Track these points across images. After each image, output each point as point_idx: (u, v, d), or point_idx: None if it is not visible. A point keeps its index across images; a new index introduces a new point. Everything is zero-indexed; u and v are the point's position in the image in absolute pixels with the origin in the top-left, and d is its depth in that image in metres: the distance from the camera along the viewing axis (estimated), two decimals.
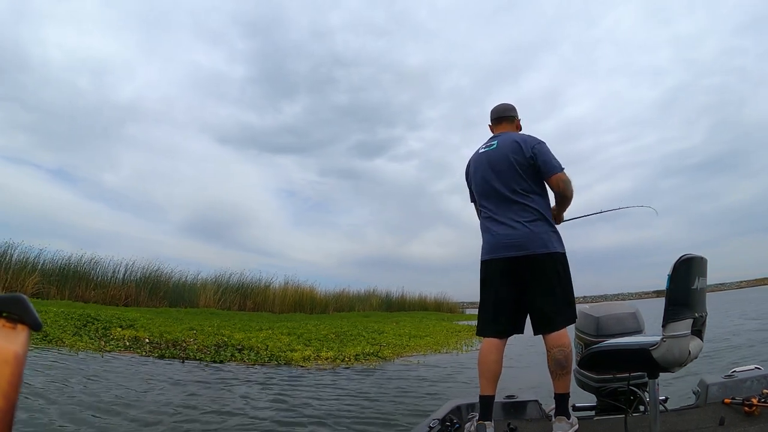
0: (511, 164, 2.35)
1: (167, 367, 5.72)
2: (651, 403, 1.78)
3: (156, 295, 13.76)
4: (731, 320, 10.95)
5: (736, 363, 3.39)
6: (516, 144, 2.38)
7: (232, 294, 15.36)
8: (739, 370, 2.47)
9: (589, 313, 2.53)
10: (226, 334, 7.82)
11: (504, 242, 2.29)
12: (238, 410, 3.97)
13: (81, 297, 12.37)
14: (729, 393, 2.29)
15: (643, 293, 37.22)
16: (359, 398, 4.53)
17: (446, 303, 22.48)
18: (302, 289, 16.87)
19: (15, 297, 0.40)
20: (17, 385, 0.36)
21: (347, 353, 7.05)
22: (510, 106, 2.61)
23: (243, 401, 4.27)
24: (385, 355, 7.34)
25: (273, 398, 4.43)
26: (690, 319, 1.67)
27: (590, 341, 2.40)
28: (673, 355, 1.64)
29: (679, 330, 1.64)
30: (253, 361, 6.33)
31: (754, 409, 2.10)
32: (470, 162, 2.59)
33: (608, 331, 2.41)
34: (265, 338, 7.72)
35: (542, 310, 2.25)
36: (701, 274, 1.74)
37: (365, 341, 8.33)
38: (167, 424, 3.45)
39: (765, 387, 2.28)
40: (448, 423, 2.26)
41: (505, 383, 2.33)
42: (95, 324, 7.48)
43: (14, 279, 11.58)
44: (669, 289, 1.67)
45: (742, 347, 6.63)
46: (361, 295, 19.68)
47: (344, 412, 3.98)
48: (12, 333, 0.39)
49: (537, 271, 2.25)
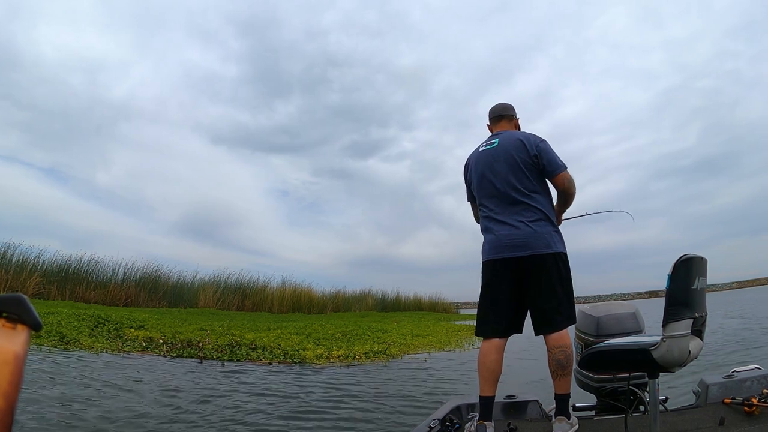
0: (515, 162, 2.31)
1: (199, 367, 5.83)
2: (651, 403, 1.78)
3: (155, 295, 13.87)
4: (713, 319, 11.44)
5: (712, 363, 3.57)
6: (519, 142, 2.35)
7: (231, 294, 15.49)
8: (739, 370, 2.48)
9: (589, 313, 2.53)
10: (237, 334, 7.96)
11: (506, 242, 2.26)
12: (293, 395, 4.31)
13: (82, 297, 12.41)
14: (729, 393, 2.29)
15: (636, 294, 37.90)
16: (381, 393, 4.70)
17: (441, 303, 22.62)
18: (300, 290, 17.08)
19: (15, 297, 0.41)
20: (17, 385, 0.36)
21: (357, 351, 7.17)
22: (509, 105, 2.60)
23: (293, 395, 4.49)
24: (393, 353, 7.42)
25: (307, 392, 4.63)
26: (690, 319, 1.67)
27: (590, 341, 2.40)
28: (673, 355, 1.64)
29: (679, 330, 1.64)
30: (269, 359, 6.44)
31: (754, 409, 2.09)
32: (470, 160, 2.54)
33: (608, 331, 2.41)
34: (275, 338, 7.87)
35: (543, 310, 2.24)
36: (701, 274, 1.74)
37: (371, 340, 8.47)
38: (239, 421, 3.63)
39: (765, 387, 2.29)
40: (448, 423, 2.26)
41: (505, 383, 2.33)
42: (107, 325, 7.58)
43: (15, 279, 11.66)
44: (669, 288, 1.66)
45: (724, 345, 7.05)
46: (357, 296, 19.89)
47: (369, 405, 4.17)
48: (12, 333, 0.39)
49: (539, 271, 2.23)
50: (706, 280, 1.78)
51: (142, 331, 7.56)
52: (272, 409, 3.93)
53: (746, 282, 42.35)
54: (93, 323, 7.54)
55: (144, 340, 6.92)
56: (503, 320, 2.29)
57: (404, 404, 4.22)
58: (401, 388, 5.00)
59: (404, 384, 5.25)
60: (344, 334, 8.95)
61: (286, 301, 16.33)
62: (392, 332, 9.85)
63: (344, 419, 3.72)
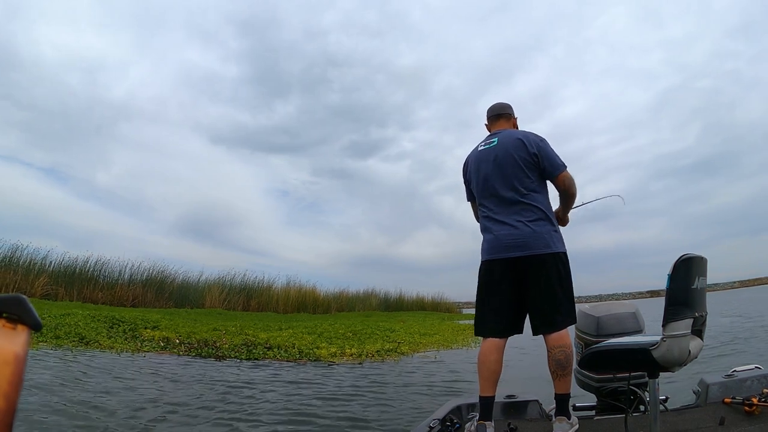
0: (515, 162, 2.29)
1: (220, 366, 5.97)
2: (651, 403, 1.77)
3: (162, 295, 13.97)
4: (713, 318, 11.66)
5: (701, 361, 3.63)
6: (519, 141, 2.33)
7: (237, 294, 15.59)
8: (740, 370, 2.47)
9: (589, 313, 2.52)
10: (250, 333, 8.12)
11: (506, 242, 2.25)
12: (321, 390, 4.54)
13: (89, 298, 12.53)
14: (729, 392, 2.28)
15: (638, 293, 37.97)
16: (401, 388, 4.88)
17: (443, 303, 22.61)
18: (305, 290, 17.17)
19: (15, 297, 0.40)
20: (18, 386, 0.36)
21: (368, 350, 7.35)
22: (506, 104, 2.59)
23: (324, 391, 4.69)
24: (404, 351, 7.67)
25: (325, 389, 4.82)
26: (690, 319, 1.67)
27: (590, 341, 2.39)
28: (673, 354, 1.63)
29: (679, 330, 1.64)
30: (285, 357, 6.59)
31: (754, 409, 2.09)
32: (469, 160, 2.51)
33: (608, 331, 2.41)
34: (288, 337, 8.01)
35: (543, 311, 2.23)
36: (701, 274, 1.73)
37: (381, 339, 8.61)
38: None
39: (765, 386, 2.29)
40: (449, 423, 2.26)
41: (505, 382, 2.33)
42: (122, 326, 7.75)
43: (24, 280, 11.81)
44: (669, 288, 1.66)
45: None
46: (361, 296, 19.92)
47: (388, 399, 4.39)
48: (12, 333, 0.39)
49: (539, 271, 2.22)
50: (706, 279, 1.78)
51: (157, 331, 7.71)
52: (308, 401, 4.17)
53: (748, 281, 42.57)
54: (108, 324, 7.71)
55: (161, 341, 7.08)
56: (503, 320, 2.29)
57: (423, 396, 4.45)
58: (419, 381, 5.25)
59: (421, 378, 5.47)
60: (354, 333, 9.09)
61: (291, 301, 16.40)
62: (400, 331, 10.02)
63: (367, 411, 3.91)
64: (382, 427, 3.46)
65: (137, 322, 8.13)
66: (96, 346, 6.42)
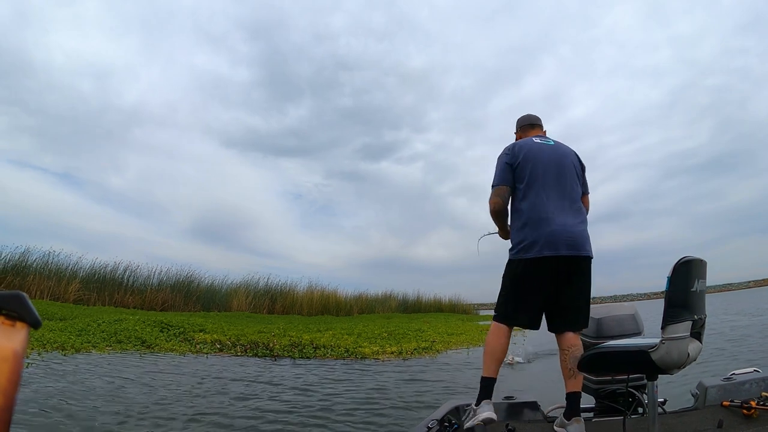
0: (573, 167, 2.44)
1: (280, 365, 6.36)
2: (649, 405, 1.78)
3: (190, 299, 14.38)
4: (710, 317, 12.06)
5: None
6: (574, 153, 2.51)
7: (261, 298, 16.06)
8: (738, 373, 2.48)
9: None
10: (294, 335, 8.48)
11: (563, 238, 2.26)
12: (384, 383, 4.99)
13: (120, 302, 12.91)
14: (727, 395, 2.29)
15: (652, 294, 37.60)
16: (448, 383, 5.23)
17: (461, 304, 22.97)
18: (327, 293, 17.60)
19: (15, 294, 0.41)
20: (16, 383, 0.37)
21: (407, 348, 7.73)
22: (538, 117, 2.74)
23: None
24: (438, 349, 8.08)
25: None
26: (689, 322, 1.67)
27: (589, 343, 2.40)
28: (671, 357, 1.64)
29: (678, 332, 1.64)
30: (334, 356, 6.94)
31: (752, 412, 2.10)
32: (521, 145, 2.48)
33: (608, 333, 2.43)
34: (330, 337, 8.36)
35: (571, 310, 2.28)
36: (700, 276, 1.74)
37: (414, 338, 9.00)
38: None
39: (763, 389, 2.30)
40: (447, 423, 2.28)
41: (505, 383, 2.43)
42: (172, 330, 8.07)
43: (57, 286, 12.23)
44: (668, 291, 1.67)
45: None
46: (380, 298, 20.31)
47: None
48: (11, 331, 0.39)
49: (580, 272, 2.29)
50: (705, 282, 1.78)
51: (207, 334, 8.04)
52: (390, 386, 4.70)
53: (763, 281, 42.42)
54: (158, 328, 8.04)
55: (216, 343, 7.46)
56: (535, 317, 2.34)
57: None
58: (463, 374, 5.76)
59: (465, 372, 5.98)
60: (389, 333, 9.51)
61: (315, 304, 16.76)
62: (429, 331, 10.44)
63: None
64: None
65: (185, 326, 8.46)
66: (158, 350, 6.71)
